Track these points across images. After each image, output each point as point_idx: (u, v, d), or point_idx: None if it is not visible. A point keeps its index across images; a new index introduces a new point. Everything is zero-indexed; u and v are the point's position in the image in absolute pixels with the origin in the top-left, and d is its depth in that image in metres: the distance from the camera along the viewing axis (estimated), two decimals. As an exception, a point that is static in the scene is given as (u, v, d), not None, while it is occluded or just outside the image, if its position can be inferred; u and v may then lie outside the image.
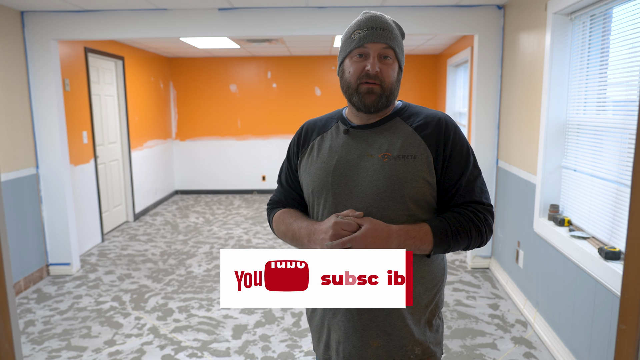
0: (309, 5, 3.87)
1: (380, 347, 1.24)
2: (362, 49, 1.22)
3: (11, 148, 3.80)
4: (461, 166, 1.24)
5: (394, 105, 1.32)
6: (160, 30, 3.99)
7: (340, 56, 1.29)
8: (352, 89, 1.24)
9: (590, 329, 2.41)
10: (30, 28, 3.95)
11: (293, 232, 1.31)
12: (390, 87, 1.24)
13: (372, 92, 1.22)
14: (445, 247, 1.20)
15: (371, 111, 1.25)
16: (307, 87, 7.44)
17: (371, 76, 1.21)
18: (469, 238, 1.21)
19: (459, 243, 1.21)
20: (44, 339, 3.08)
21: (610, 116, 2.49)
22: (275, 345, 2.98)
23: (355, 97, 1.24)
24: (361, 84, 1.22)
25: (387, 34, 1.23)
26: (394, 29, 1.25)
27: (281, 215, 1.39)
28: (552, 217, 2.96)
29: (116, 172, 5.79)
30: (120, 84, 5.79)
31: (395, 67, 1.25)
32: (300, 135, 1.40)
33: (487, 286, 3.85)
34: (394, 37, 1.24)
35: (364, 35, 1.22)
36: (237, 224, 5.88)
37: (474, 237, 1.22)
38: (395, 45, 1.24)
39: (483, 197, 1.26)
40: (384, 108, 1.26)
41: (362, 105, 1.24)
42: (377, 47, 1.22)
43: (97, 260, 4.62)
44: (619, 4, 2.36)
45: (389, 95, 1.24)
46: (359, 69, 1.23)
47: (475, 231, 1.22)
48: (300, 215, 1.36)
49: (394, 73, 1.24)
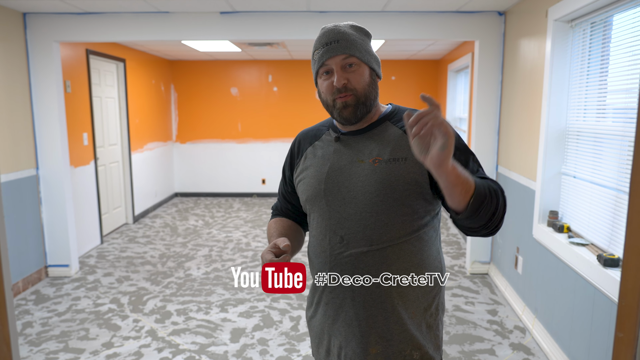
0: (311, 9, 3.88)
1: (379, 353, 1.24)
2: (325, 66, 1.24)
3: (11, 149, 3.80)
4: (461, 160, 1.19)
5: (380, 109, 1.32)
6: (161, 33, 4.00)
7: (314, 79, 1.31)
8: (330, 106, 1.26)
9: (588, 335, 2.41)
10: (32, 30, 3.96)
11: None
12: (364, 93, 1.24)
13: (347, 105, 1.23)
14: (482, 198, 1.09)
15: (352, 122, 1.26)
16: (308, 91, 7.45)
17: (340, 90, 1.22)
18: (497, 198, 1.12)
19: (491, 200, 1.11)
20: (42, 340, 3.08)
21: (610, 123, 2.50)
22: (273, 349, 2.97)
23: (335, 113, 1.26)
24: (335, 100, 1.24)
25: (343, 44, 1.22)
26: (350, 35, 1.24)
27: (270, 224, 1.45)
28: (551, 223, 2.96)
29: (116, 174, 5.79)
30: (122, 86, 5.80)
31: (364, 71, 1.24)
32: (294, 148, 1.43)
33: (485, 292, 3.84)
34: (352, 44, 1.23)
35: (322, 53, 1.24)
36: (237, 227, 5.88)
37: (501, 202, 1.14)
38: (354, 51, 1.23)
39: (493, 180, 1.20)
40: (364, 116, 1.26)
41: (342, 120, 1.26)
42: (337, 60, 1.22)
43: (96, 262, 4.61)
44: (620, 11, 2.37)
45: (364, 101, 1.24)
46: (329, 86, 1.24)
47: (502, 196, 1.14)
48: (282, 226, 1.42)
49: (363, 78, 1.24)
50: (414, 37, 4.00)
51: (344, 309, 1.26)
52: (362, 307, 1.24)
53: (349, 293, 1.25)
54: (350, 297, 1.25)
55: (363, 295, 1.24)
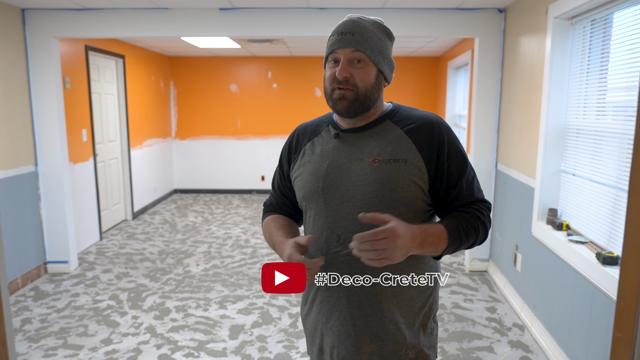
0: (310, 6, 3.87)
1: (374, 352, 1.24)
2: (334, 54, 1.22)
3: (10, 145, 3.79)
4: (459, 168, 1.24)
5: (380, 109, 1.29)
6: (161, 29, 3.99)
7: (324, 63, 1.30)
8: (327, 95, 1.25)
9: (587, 333, 2.41)
10: (31, 26, 3.95)
11: (273, 243, 1.35)
12: (365, 92, 1.21)
13: (344, 98, 1.21)
14: (457, 245, 1.19)
15: (345, 116, 1.25)
16: (307, 88, 7.44)
17: (341, 81, 1.20)
18: (476, 235, 1.22)
19: (468, 241, 1.21)
20: (41, 337, 3.08)
21: (610, 121, 2.49)
22: (271, 346, 2.97)
23: (330, 102, 1.25)
24: (334, 90, 1.22)
25: (357, 38, 1.20)
26: (368, 31, 1.21)
27: (267, 222, 1.42)
28: (550, 221, 2.96)
29: (115, 170, 5.78)
30: (121, 82, 5.78)
31: (370, 70, 1.22)
32: (292, 141, 1.40)
33: (484, 289, 3.85)
34: (366, 41, 1.20)
35: (334, 40, 1.22)
36: (236, 224, 5.88)
37: (481, 234, 1.23)
38: (365, 48, 1.20)
39: (481, 195, 1.28)
40: (360, 113, 1.24)
41: (336, 111, 1.25)
42: (346, 52, 1.20)
43: (95, 258, 4.61)
44: (620, 9, 2.36)
45: (364, 100, 1.21)
46: (332, 75, 1.23)
47: (482, 228, 1.23)
48: (283, 224, 1.39)
49: (367, 77, 1.21)
50: (413, 34, 3.99)
51: (338, 307, 1.26)
52: (357, 306, 1.24)
53: (344, 292, 1.25)
54: (345, 296, 1.25)
55: (358, 294, 1.23)
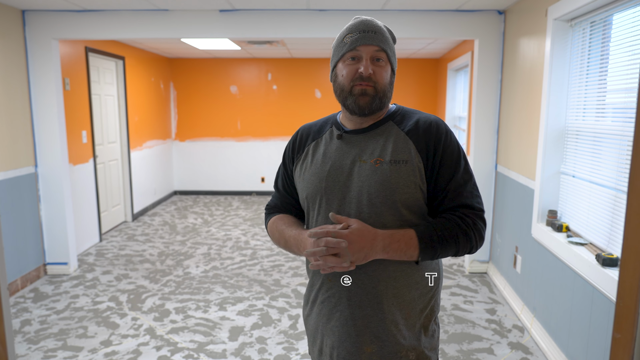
0: (310, 7, 3.87)
1: (374, 352, 1.24)
2: (355, 52, 1.23)
3: (10, 147, 3.79)
4: (451, 170, 1.23)
5: (387, 109, 1.31)
6: (161, 31, 3.99)
7: (332, 61, 1.29)
8: (345, 91, 1.24)
9: (587, 335, 2.41)
10: (31, 27, 3.95)
11: (285, 240, 1.33)
12: (384, 89, 1.24)
13: (366, 94, 1.22)
14: (432, 252, 1.18)
15: (365, 113, 1.24)
16: (307, 90, 7.44)
17: (364, 78, 1.21)
18: (456, 244, 1.19)
19: (447, 249, 1.19)
20: (40, 338, 3.07)
21: (610, 123, 2.49)
22: (271, 348, 2.97)
23: (350, 99, 1.24)
24: (355, 86, 1.22)
25: (379, 37, 1.23)
26: (385, 32, 1.26)
27: (275, 221, 1.40)
28: (550, 222, 2.96)
29: (115, 172, 5.78)
30: (121, 83, 5.79)
31: (388, 69, 1.25)
32: (295, 141, 1.40)
33: (484, 291, 3.84)
34: (386, 40, 1.25)
35: (356, 38, 1.22)
36: (236, 226, 5.88)
37: (462, 242, 1.20)
38: (387, 48, 1.24)
39: (474, 202, 1.24)
40: (378, 110, 1.26)
41: (356, 108, 1.24)
42: (370, 50, 1.22)
43: (94, 260, 4.61)
44: (619, 10, 2.36)
45: (382, 97, 1.24)
46: (352, 72, 1.23)
47: (463, 236, 1.20)
48: (292, 222, 1.37)
49: (387, 75, 1.25)
50: (413, 36, 3.99)
51: (338, 308, 1.26)
52: (358, 307, 1.24)
53: (345, 293, 1.25)
54: (346, 297, 1.25)
55: (359, 295, 1.24)
